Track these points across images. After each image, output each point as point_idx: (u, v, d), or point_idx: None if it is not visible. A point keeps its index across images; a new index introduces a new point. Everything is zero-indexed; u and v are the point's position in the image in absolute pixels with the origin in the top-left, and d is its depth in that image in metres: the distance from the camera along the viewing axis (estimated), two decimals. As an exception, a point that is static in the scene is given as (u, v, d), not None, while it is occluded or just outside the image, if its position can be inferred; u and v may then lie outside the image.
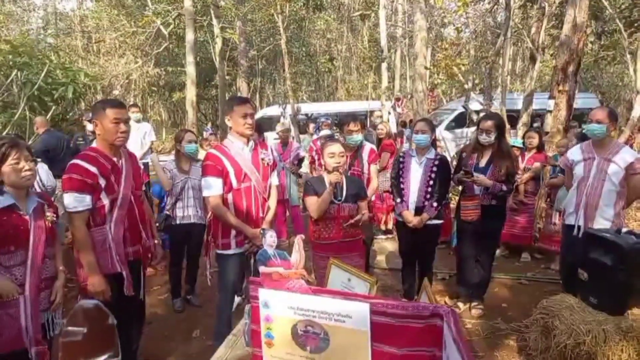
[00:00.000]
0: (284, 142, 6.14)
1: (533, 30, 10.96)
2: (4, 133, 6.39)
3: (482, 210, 3.89)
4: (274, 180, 3.33)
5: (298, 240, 1.50)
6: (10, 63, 8.28)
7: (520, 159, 5.37)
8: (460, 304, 4.29)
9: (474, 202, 3.93)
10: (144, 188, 3.27)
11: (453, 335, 1.08)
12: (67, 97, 8.72)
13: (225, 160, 3.07)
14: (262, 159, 3.22)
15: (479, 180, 3.81)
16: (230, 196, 3.10)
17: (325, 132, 5.86)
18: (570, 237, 3.64)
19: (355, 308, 1.22)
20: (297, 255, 1.44)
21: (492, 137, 3.85)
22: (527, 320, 3.58)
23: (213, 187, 3.04)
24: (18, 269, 2.37)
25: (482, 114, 8.03)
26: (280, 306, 1.32)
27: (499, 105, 9.81)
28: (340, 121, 4.26)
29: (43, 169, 4.95)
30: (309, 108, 14.55)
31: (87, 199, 2.61)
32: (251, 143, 3.18)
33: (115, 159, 2.77)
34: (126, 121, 2.74)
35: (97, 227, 2.70)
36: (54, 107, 8.07)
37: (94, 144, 2.79)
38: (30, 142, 6.69)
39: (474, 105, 10.16)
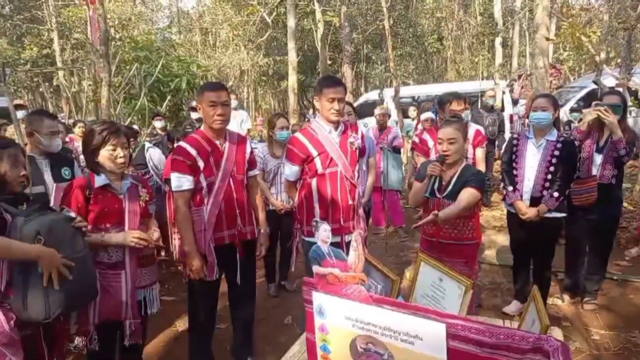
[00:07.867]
0: (382, 127, 5.97)
1: (689, -13, 9.14)
2: (127, 121, 6.97)
3: (600, 191, 3.54)
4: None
5: (356, 237, 1.21)
6: (133, 57, 9.04)
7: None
8: (566, 297, 3.94)
9: (590, 184, 3.59)
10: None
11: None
12: (181, 88, 9.30)
13: (310, 145, 2.91)
14: (351, 143, 2.99)
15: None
16: (314, 181, 2.94)
17: (428, 114, 5.42)
18: None
19: (427, 328, 0.92)
20: (355, 255, 1.17)
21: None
22: (675, 338, 2.95)
23: (288, 173, 3.07)
24: (115, 249, 2.45)
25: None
26: (337, 315, 1.07)
27: (639, 81, 8.37)
28: (441, 100, 3.81)
29: (156, 152, 5.27)
30: (413, 91, 13.90)
31: (188, 179, 2.67)
32: (341, 126, 2.97)
33: (218, 142, 2.77)
34: (223, 104, 2.69)
35: (195, 207, 2.74)
36: (169, 97, 8.64)
37: (201, 128, 2.85)
38: (148, 130, 7.25)
39: (608, 81, 8.77)
